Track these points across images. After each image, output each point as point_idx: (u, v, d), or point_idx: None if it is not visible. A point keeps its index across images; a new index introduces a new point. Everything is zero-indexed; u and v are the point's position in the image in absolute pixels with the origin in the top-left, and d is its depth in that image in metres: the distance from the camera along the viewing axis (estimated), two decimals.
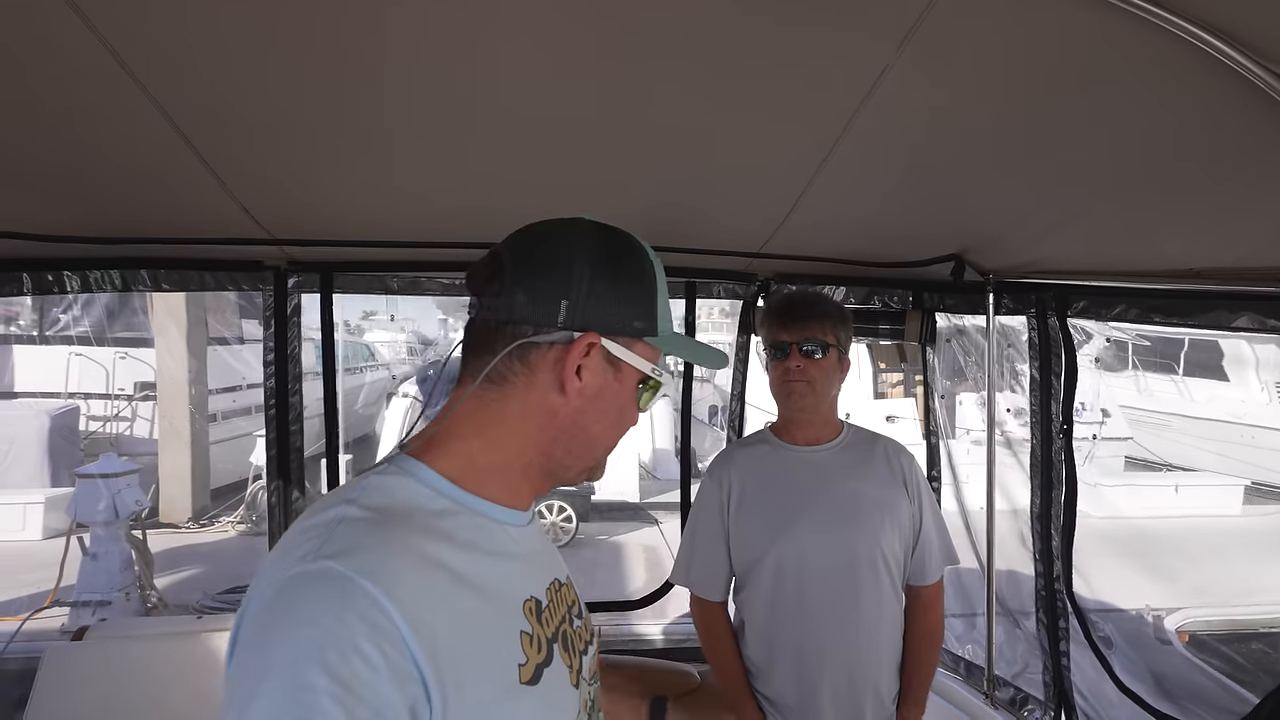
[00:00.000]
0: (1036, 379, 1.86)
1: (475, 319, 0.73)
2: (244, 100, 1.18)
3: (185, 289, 2.18)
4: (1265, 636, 5.05)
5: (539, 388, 0.71)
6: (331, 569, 0.57)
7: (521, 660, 0.66)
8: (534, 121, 1.28)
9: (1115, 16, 0.85)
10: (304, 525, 0.63)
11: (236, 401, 8.67)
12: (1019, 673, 2.01)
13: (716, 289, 2.41)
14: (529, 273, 0.70)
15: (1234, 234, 1.29)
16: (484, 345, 0.71)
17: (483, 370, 0.70)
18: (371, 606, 0.55)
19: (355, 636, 0.54)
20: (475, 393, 0.71)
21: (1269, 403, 9.14)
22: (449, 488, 0.68)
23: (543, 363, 0.70)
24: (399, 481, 0.67)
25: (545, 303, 0.69)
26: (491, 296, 0.71)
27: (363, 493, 0.65)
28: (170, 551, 6.15)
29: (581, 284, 0.69)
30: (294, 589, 0.57)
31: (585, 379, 0.71)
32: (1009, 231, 1.72)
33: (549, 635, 0.71)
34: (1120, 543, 5.57)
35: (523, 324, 0.70)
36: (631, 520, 7.94)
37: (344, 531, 0.60)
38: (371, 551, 0.59)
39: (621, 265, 0.73)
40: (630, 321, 0.72)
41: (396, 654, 0.55)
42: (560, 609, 0.76)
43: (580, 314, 0.69)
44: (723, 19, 0.97)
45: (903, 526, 1.53)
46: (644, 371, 0.74)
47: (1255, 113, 0.92)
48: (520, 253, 0.71)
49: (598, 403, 0.72)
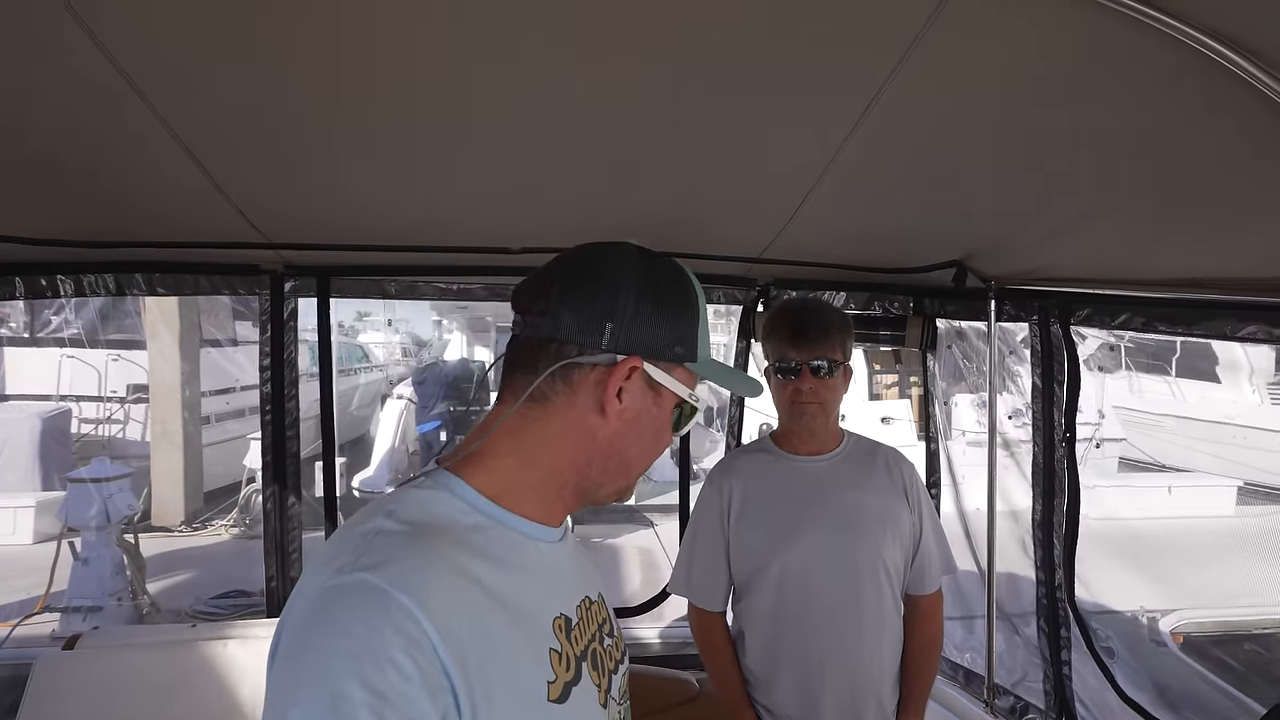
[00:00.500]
0: (1039, 386, 1.85)
1: (519, 336, 0.74)
2: (240, 103, 1.16)
3: (180, 293, 2.16)
4: (1258, 638, 5.08)
5: (579, 408, 0.72)
6: (367, 581, 0.58)
7: (550, 678, 0.66)
8: (533, 126, 1.27)
9: (1118, 23, 0.84)
10: (342, 537, 0.65)
11: (230, 404, 8.62)
12: (1019, 681, 2.00)
13: (716, 294, 2.40)
14: (575, 294, 0.71)
15: (1239, 244, 1.29)
16: (527, 364, 0.72)
17: (526, 389, 0.71)
18: (406, 618, 0.57)
19: (390, 648, 0.55)
20: (518, 410, 0.72)
21: (1260, 404, 9.21)
22: (484, 503, 0.70)
23: (584, 383, 0.71)
24: (435, 496, 0.68)
25: (590, 324, 0.70)
26: (536, 315, 0.72)
27: (400, 506, 0.67)
28: (163, 556, 6.09)
29: (627, 307, 0.71)
30: (331, 600, 0.58)
31: (625, 401, 0.72)
32: (1011, 238, 1.72)
33: (578, 653, 0.72)
34: (1115, 544, 5.58)
35: (567, 344, 0.71)
36: (627, 523, 7.92)
37: (380, 544, 0.62)
38: (406, 564, 0.60)
39: (666, 290, 0.74)
40: (672, 346, 0.73)
41: (429, 665, 0.56)
42: (590, 627, 0.76)
43: (624, 337, 0.71)
44: (726, 25, 0.96)
45: (903, 536, 1.53)
46: (681, 396, 0.76)
47: (1260, 120, 0.91)
48: (568, 273, 0.73)
49: (636, 425, 0.74)
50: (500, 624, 0.63)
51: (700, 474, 5.75)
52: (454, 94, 1.15)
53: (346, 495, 7.53)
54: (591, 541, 7.50)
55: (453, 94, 1.15)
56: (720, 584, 1.59)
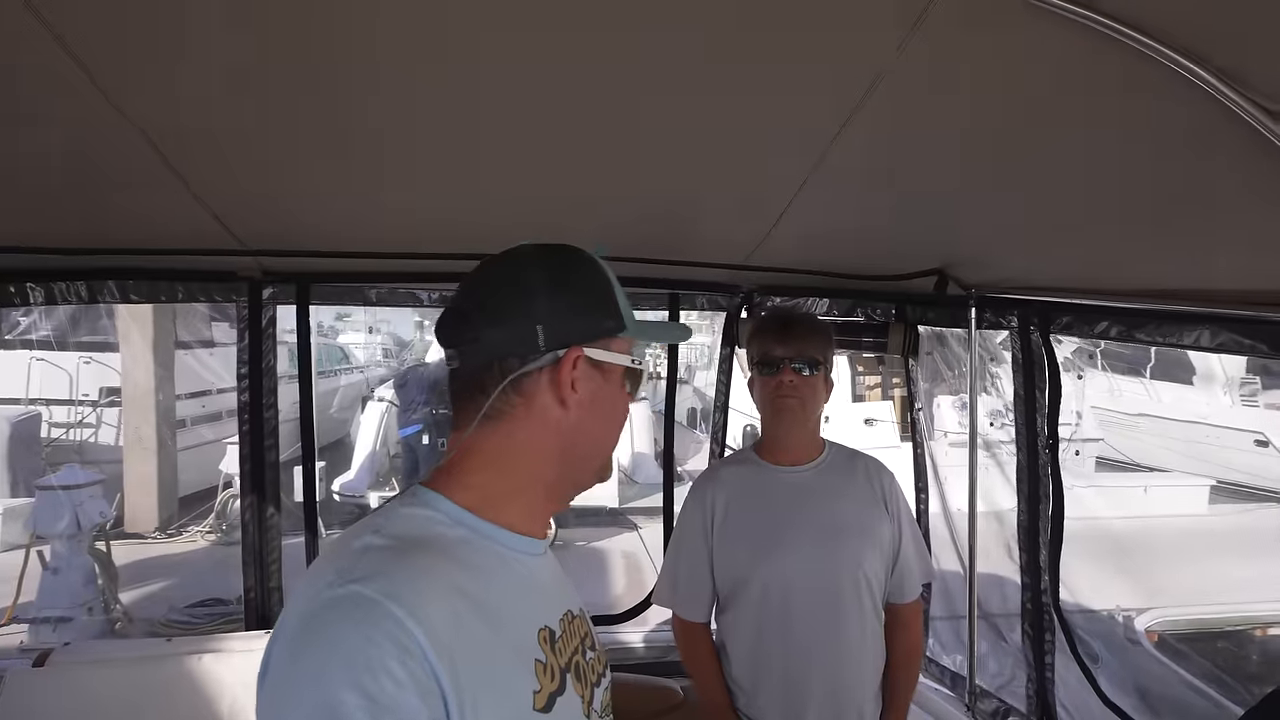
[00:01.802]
0: (1020, 394, 1.87)
1: (459, 370, 0.75)
2: (215, 108, 1.14)
3: (155, 300, 2.11)
4: (1230, 635, 5.19)
5: (539, 411, 0.74)
6: (359, 593, 0.60)
7: (536, 688, 0.68)
8: (516, 132, 1.26)
9: (1094, 40, 0.85)
10: (330, 555, 0.67)
11: (206, 407, 8.46)
12: (1004, 684, 2.02)
13: (700, 300, 2.40)
14: (497, 311, 0.73)
15: (1209, 258, 1.31)
16: (474, 388, 0.74)
17: (479, 411, 0.73)
18: (397, 627, 0.58)
19: (384, 656, 0.57)
20: (476, 431, 0.73)
21: (1231, 405, 9.42)
22: (468, 517, 0.71)
23: (536, 388, 0.74)
24: (419, 513, 0.70)
25: (522, 333, 0.72)
26: (469, 344, 0.74)
27: (388, 522, 0.69)
28: (136, 564, 5.96)
29: (547, 304, 0.73)
30: (323, 613, 0.60)
31: (580, 390, 0.74)
32: (991, 247, 1.74)
33: (562, 665, 0.73)
34: (1093, 543, 5.67)
35: (508, 359, 0.73)
36: (610, 526, 7.90)
37: (370, 558, 0.63)
38: (396, 576, 0.62)
39: (576, 275, 0.77)
40: (602, 323, 0.76)
41: (421, 671, 0.58)
42: (574, 640, 0.78)
43: (558, 332, 0.73)
44: (709, 30, 0.96)
45: (884, 547, 1.54)
46: (626, 364, 0.79)
47: (1230, 139, 0.93)
48: (479, 295, 0.75)
49: (596, 407, 0.76)
50: (487, 634, 0.65)
51: (685, 475, 5.74)
52: (435, 100, 1.14)
53: (326, 499, 7.43)
54: (575, 545, 7.48)
55: (434, 100, 1.14)
56: (704, 595, 1.59)
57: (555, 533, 7.21)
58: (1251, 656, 5.11)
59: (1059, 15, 0.83)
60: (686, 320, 2.44)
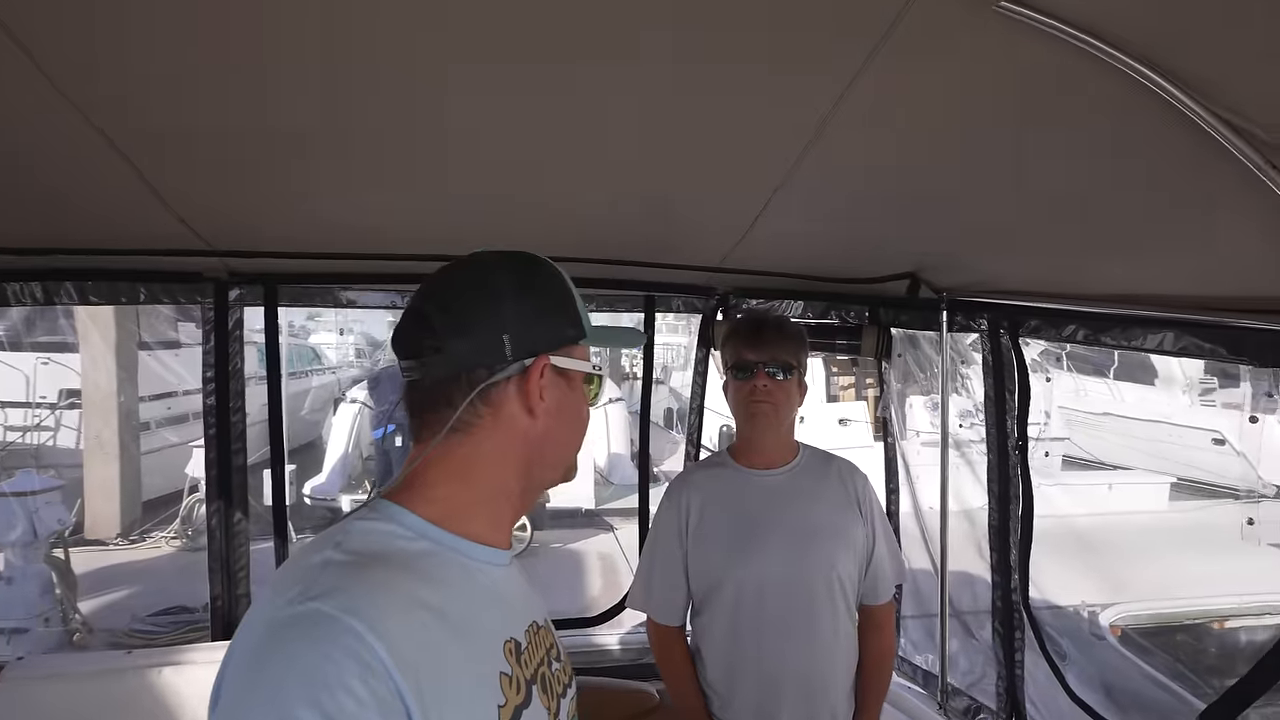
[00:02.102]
0: (991, 396, 1.90)
1: (420, 380, 0.73)
2: (179, 106, 1.11)
3: (116, 301, 2.05)
4: (1189, 629, 5.35)
5: (506, 420, 0.73)
6: (318, 609, 0.58)
7: (501, 701, 0.67)
8: (488, 134, 1.24)
9: (1060, 49, 0.87)
10: (289, 572, 0.65)
11: (171, 409, 8.24)
12: (975, 682, 2.05)
13: (676, 303, 2.40)
14: (460, 320, 0.72)
15: (1172, 263, 1.35)
16: (440, 400, 0.72)
17: (444, 423, 0.71)
18: (358, 643, 0.57)
19: (343, 674, 0.55)
20: (440, 443, 0.71)
21: (1190, 405, 9.71)
22: (431, 529, 0.70)
23: (504, 397, 0.73)
24: (379, 526, 0.69)
25: (489, 343, 0.71)
26: (431, 355, 0.71)
27: (346, 537, 0.67)
28: (97, 572, 5.78)
29: (514, 313, 0.72)
30: (280, 631, 0.58)
31: (547, 398, 0.74)
32: (961, 252, 1.76)
33: (528, 677, 0.72)
34: (1060, 540, 5.80)
35: (475, 370, 0.72)
36: (587, 527, 7.87)
37: (329, 574, 0.62)
38: (356, 591, 0.60)
39: (538, 282, 0.76)
40: (565, 331, 0.76)
41: (384, 689, 0.56)
42: (539, 651, 0.77)
43: (524, 341, 0.73)
44: (683, 34, 0.96)
45: (857, 549, 1.56)
46: (587, 371, 0.79)
47: (1190, 147, 0.95)
48: (443, 304, 0.73)
49: (562, 414, 0.76)
50: (452, 648, 0.63)
51: (661, 476, 5.76)
52: (405, 100, 1.12)
53: (298, 503, 7.29)
54: (551, 547, 7.44)
55: (403, 100, 1.12)
56: (679, 599, 1.59)
57: (531, 535, 7.17)
58: (1210, 649, 5.27)
59: (1024, 24, 0.84)
60: (663, 322, 2.44)
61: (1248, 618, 5.29)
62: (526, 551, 7.10)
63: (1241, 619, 5.31)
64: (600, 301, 2.35)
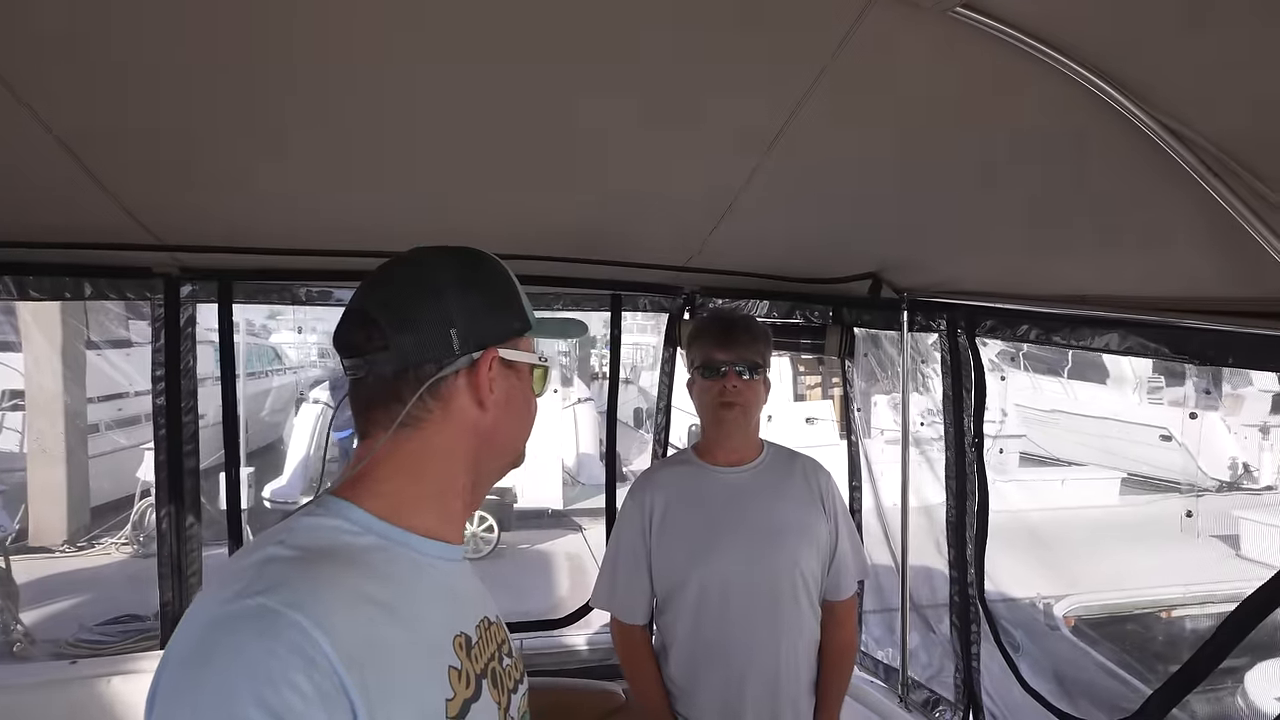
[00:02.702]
0: (949, 395, 1.94)
1: (365, 378, 0.72)
2: (121, 94, 1.06)
3: (59, 297, 1.96)
4: (1138, 618, 5.56)
5: (455, 414, 0.73)
6: (261, 604, 0.57)
7: (449, 695, 0.67)
8: (451, 131, 1.23)
9: (1013, 55, 0.89)
10: (233, 568, 0.64)
11: (122, 411, 7.94)
12: (934, 675, 2.09)
13: (642, 302, 2.40)
14: (407, 316, 0.71)
15: (1121, 264, 1.39)
16: (388, 397, 0.72)
17: (393, 419, 0.70)
18: (302, 637, 0.56)
19: (287, 668, 0.54)
20: (389, 439, 0.71)
21: (1139, 403, 10.09)
22: (378, 525, 0.69)
23: (453, 391, 0.73)
24: (325, 522, 0.68)
25: (436, 338, 0.71)
26: (376, 352, 0.71)
27: (290, 534, 0.66)
28: (41, 580, 5.55)
29: (460, 306, 0.72)
30: (221, 627, 0.57)
31: (496, 390, 0.74)
32: (920, 253, 1.80)
33: (478, 671, 0.72)
34: (1016, 535, 5.98)
35: (423, 365, 0.71)
36: (555, 528, 7.83)
37: (273, 570, 0.61)
38: (300, 586, 0.60)
39: (482, 276, 0.76)
40: (510, 324, 0.77)
41: (327, 683, 0.56)
42: (490, 646, 0.77)
43: (472, 335, 0.73)
44: (646, 34, 0.96)
45: (820, 546, 1.57)
46: (534, 363, 0.80)
47: (1137, 153, 0.98)
48: (386, 300, 0.73)
49: (510, 406, 0.77)
50: (398, 642, 0.63)
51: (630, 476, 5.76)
52: (363, 96, 1.10)
53: (257, 506, 7.10)
54: (519, 548, 7.38)
55: (362, 94, 1.09)
56: (643, 597, 1.59)
57: (498, 536, 7.10)
58: (1157, 637, 5.48)
59: (979, 29, 0.86)
60: (633, 322, 2.45)
61: (1192, 606, 5.52)
62: (494, 553, 7.04)
63: (1186, 608, 5.54)
64: (567, 300, 2.33)
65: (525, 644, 2.63)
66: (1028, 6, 0.85)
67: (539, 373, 0.81)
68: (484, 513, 7.02)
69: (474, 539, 7.03)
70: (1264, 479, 8.99)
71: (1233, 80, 0.87)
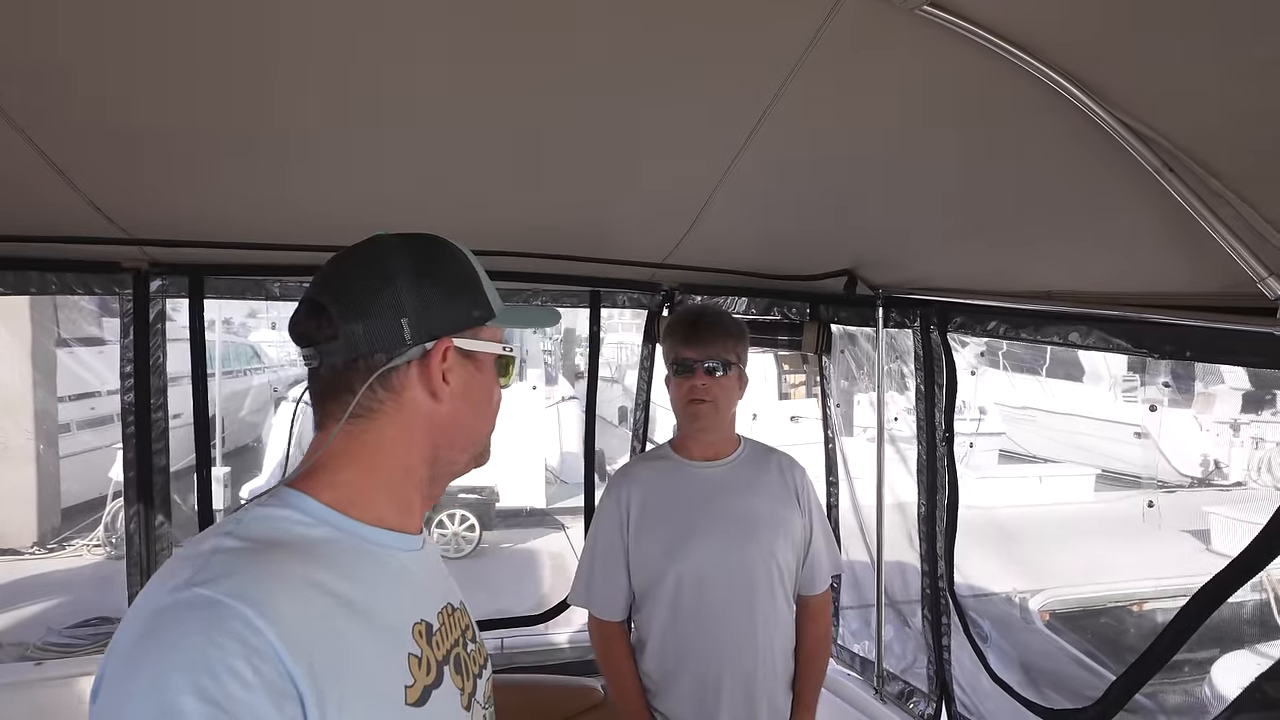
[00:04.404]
0: (921, 390, 1.97)
1: (318, 368, 0.71)
2: (90, 88, 1.05)
3: (24, 291, 1.91)
4: (1111, 611, 5.67)
5: (409, 404, 0.72)
6: (203, 595, 0.56)
7: (409, 682, 0.66)
8: (427, 127, 1.22)
9: (983, 56, 0.90)
10: (178, 558, 0.63)
11: (95, 409, 7.79)
12: (908, 667, 2.12)
13: (622, 298, 2.40)
14: (358, 306, 0.70)
15: (1087, 261, 1.42)
16: (340, 387, 0.71)
17: (345, 410, 0.70)
18: (245, 627, 0.55)
19: (228, 656, 0.54)
20: (343, 429, 0.70)
21: (1115, 400, 10.28)
22: (332, 515, 0.69)
23: (406, 382, 0.72)
24: (278, 513, 0.67)
25: (387, 327, 0.70)
26: (327, 342, 0.70)
27: (239, 525, 0.65)
28: (9, 584, 5.43)
29: (413, 296, 0.71)
30: (163, 617, 0.56)
31: (452, 381, 0.73)
32: (894, 250, 1.82)
33: (440, 658, 0.72)
34: (994, 531, 6.06)
35: (374, 355, 0.70)
36: (538, 526, 7.81)
37: (218, 560, 0.60)
38: (246, 575, 0.59)
39: (438, 264, 0.74)
40: (469, 313, 0.75)
41: (273, 672, 0.55)
42: (454, 633, 0.77)
43: (425, 324, 0.71)
44: (619, 32, 0.96)
45: (795, 540, 1.58)
46: (497, 353, 0.78)
47: (1101, 152, 1.01)
48: (340, 289, 0.71)
49: (468, 397, 0.75)
50: (352, 631, 0.63)
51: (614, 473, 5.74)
52: (337, 90, 1.09)
53: (234, 506, 6.96)
54: (502, 547, 7.35)
55: (336, 89, 1.09)
56: (620, 594, 1.59)
57: (480, 535, 7.07)
58: (1129, 630, 5.59)
59: (946, 28, 0.88)
60: (619, 321, 2.45)
61: (1163, 600, 5.63)
62: (475, 552, 7.00)
63: (1158, 601, 5.65)
64: (546, 296, 2.33)
65: (506, 641, 2.62)
66: (994, 7, 0.86)
67: (504, 363, 0.79)
68: (465, 512, 6.99)
69: (455, 538, 6.99)
70: (1234, 475, 9.20)
71: (1189, 79, 0.89)
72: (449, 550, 6.98)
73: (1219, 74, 0.86)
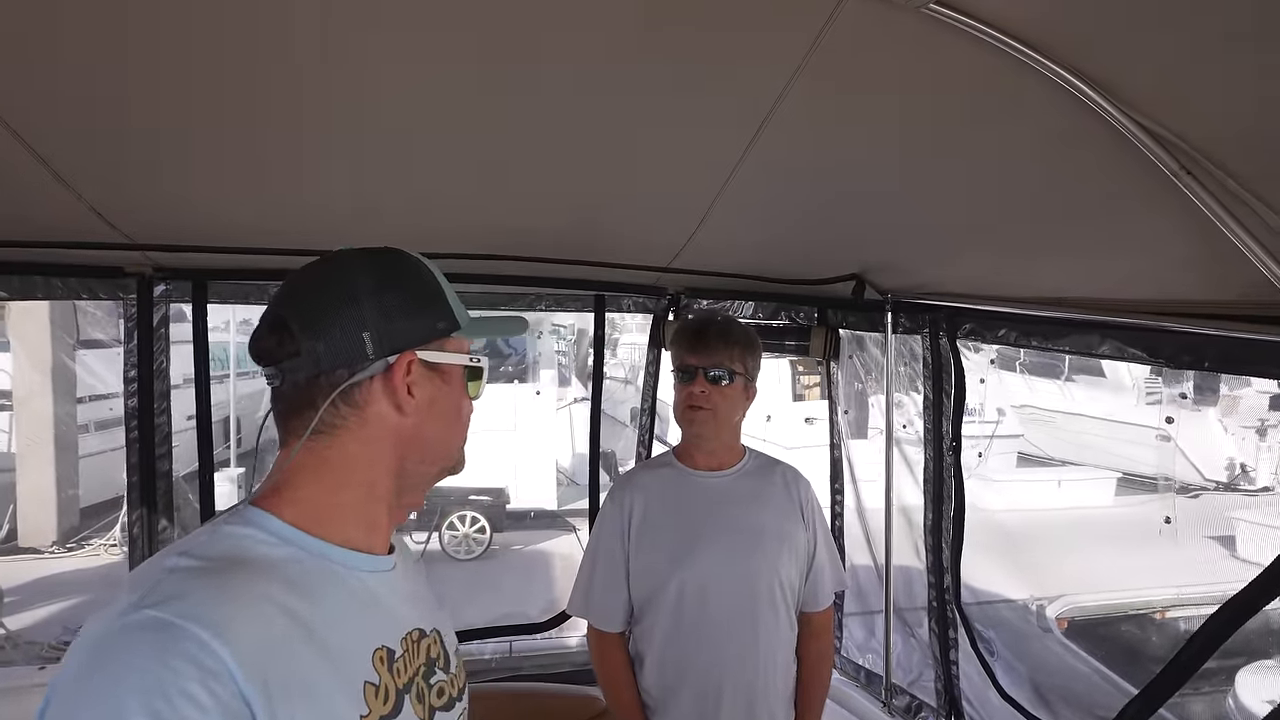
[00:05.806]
0: (929, 397, 1.92)
1: (281, 387, 0.70)
2: (86, 92, 1.04)
3: (30, 297, 1.93)
4: (1133, 619, 5.54)
5: (373, 419, 0.71)
6: (155, 617, 0.55)
7: (364, 711, 0.64)
8: (429, 133, 1.21)
9: (995, 58, 0.87)
10: (133, 579, 0.62)
11: (115, 410, 7.90)
12: (915, 680, 2.07)
13: (627, 303, 2.38)
14: (319, 322, 0.69)
15: (1102, 267, 1.37)
16: (302, 404, 0.70)
17: (307, 426, 0.68)
18: (200, 649, 0.54)
19: (181, 679, 0.53)
20: (305, 446, 0.69)
21: (1136, 404, 10.09)
22: (295, 534, 0.67)
23: (369, 397, 0.71)
24: (239, 531, 0.66)
25: (348, 343, 0.69)
26: (289, 359, 0.69)
27: (196, 544, 0.64)
28: (30, 583, 5.51)
29: (374, 310, 0.70)
30: (113, 640, 0.55)
31: (417, 394, 0.72)
32: (903, 254, 1.78)
33: (400, 685, 0.70)
34: (1010, 537, 5.95)
35: (336, 370, 0.69)
36: (549, 528, 7.80)
37: (171, 581, 0.59)
38: (200, 596, 0.58)
39: (400, 277, 0.73)
40: (433, 325, 0.74)
41: (228, 695, 0.54)
42: (417, 660, 0.74)
43: (386, 338, 0.70)
44: (625, 34, 0.94)
45: (799, 555, 1.55)
46: (463, 364, 0.77)
47: (1117, 155, 0.96)
48: (301, 306, 0.70)
49: (434, 409, 0.74)
50: (309, 656, 0.61)
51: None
52: (348, 92, 1.08)
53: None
54: (512, 548, 7.35)
55: (347, 92, 1.08)
56: (619, 604, 1.56)
57: (490, 537, 7.07)
58: (1151, 638, 5.47)
59: (954, 27, 0.85)
60: (633, 323, 2.43)
61: (1187, 607, 5.50)
62: (486, 554, 7.01)
63: (1182, 608, 5.52)
64: (550, 301, 2.31)
65: (513, 647, 2.61)
66: (1004, 5, 0.83)
67: (471, 374, 0.78)
68: (476, 514, 7.00)
69: (466, 540, 7.01)
70: (1261, 480, 8.98)
71: (1206, 78, 0.85)
72: (459, 552, 7.00)
73: (1237, 73, 0.82)
